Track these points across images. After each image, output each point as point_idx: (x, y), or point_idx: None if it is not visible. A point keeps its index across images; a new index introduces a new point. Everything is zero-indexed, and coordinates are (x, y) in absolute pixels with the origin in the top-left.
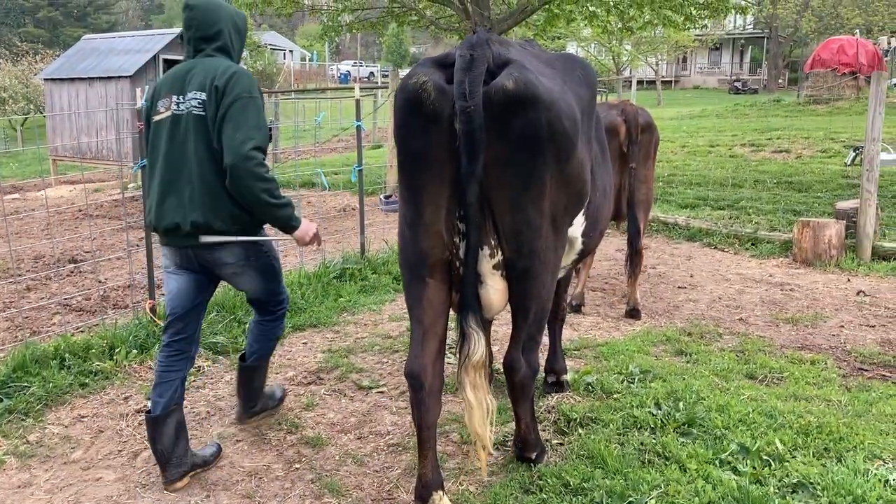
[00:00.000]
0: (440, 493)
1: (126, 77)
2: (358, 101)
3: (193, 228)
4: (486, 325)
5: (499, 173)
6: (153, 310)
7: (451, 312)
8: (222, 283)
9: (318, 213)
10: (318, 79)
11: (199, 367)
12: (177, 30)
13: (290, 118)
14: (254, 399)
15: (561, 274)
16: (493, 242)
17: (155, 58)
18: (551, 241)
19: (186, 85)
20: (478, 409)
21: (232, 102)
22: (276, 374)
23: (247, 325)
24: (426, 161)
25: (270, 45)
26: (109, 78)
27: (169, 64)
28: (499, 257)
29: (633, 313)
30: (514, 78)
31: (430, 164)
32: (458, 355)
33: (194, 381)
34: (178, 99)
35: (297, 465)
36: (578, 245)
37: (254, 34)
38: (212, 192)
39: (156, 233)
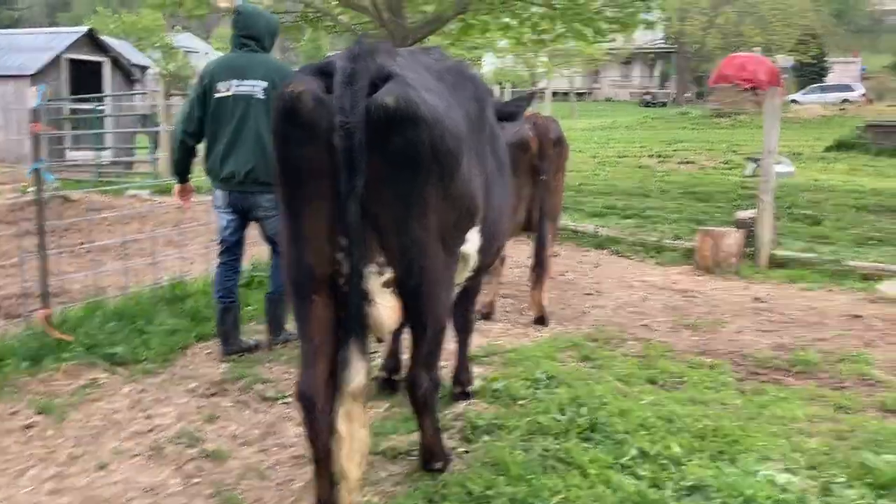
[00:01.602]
0: None
1: (26, 76)
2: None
3: (244, 177)
4: (394, 339)
5: (381, 192)
6: (48, 320)
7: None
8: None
9: None
10: None
11: (96, 378)
12: (84, 28)
13: None
14: (278, 328)
15: (459, 289)
16: (381, 260)
17: (58, 57)
18: (441, 259)
19: (246, 73)
20: (348, 442)
21: None
22: (177, 385)
23: (147, 335)
24: (304, 174)
25: (184, 47)
26: (9, 77)
27: (73, 63)
28: (388, 275)
29: (540, 320)
30: (394, 95)
31: (308, 178)
32: (336, 381)
33: (89, 393)
34: (238, 83)
35: (196, 480)
36: (473, 262)
37: (166, 36)
38: (258, 154)
39: (213, 178)
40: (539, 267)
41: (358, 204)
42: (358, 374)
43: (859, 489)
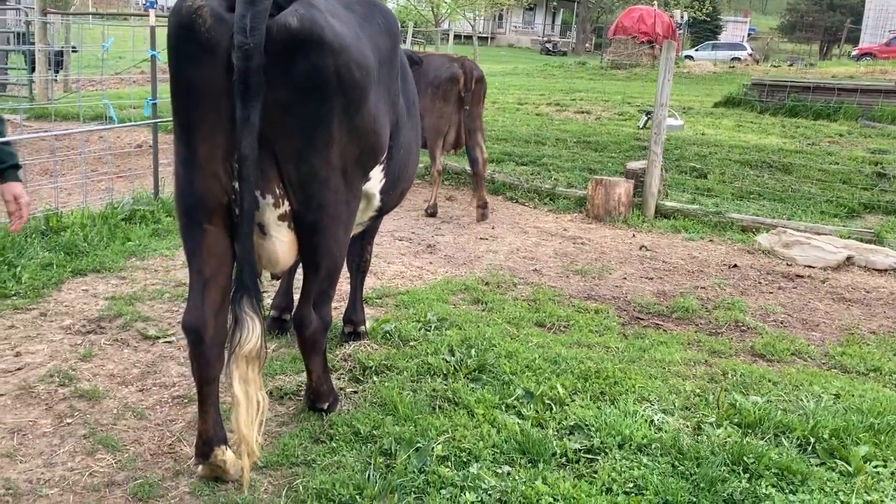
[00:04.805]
0: (223, 448)
1: None
2: (153, 29)
3: None
4: (288, 276)
5: (281, 120)
6: None
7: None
8: None
9: (112, 148)
10: (119, 4)
11: None
12: None
13: (88, 44)
14: None
15: (360, 229)
16: (277, 192)
17: None
18: (342, 195)
19: None
20: (245, 407)
21: None
22: (51, 321)
23: (17, 268)
24: (200, 95)
25: None
26: None
27: None
28: (285, 208)
29: (484, 206)
30: (299, 16)
31: (204, 99)
32: (229, 344)
33: None
34: None
35: (69, 420)
36: (376, 202)
37: None
38: None
39: None
40: (479, 173)
41: (253, 132)
42: (254, 333)
43: (728, 428)
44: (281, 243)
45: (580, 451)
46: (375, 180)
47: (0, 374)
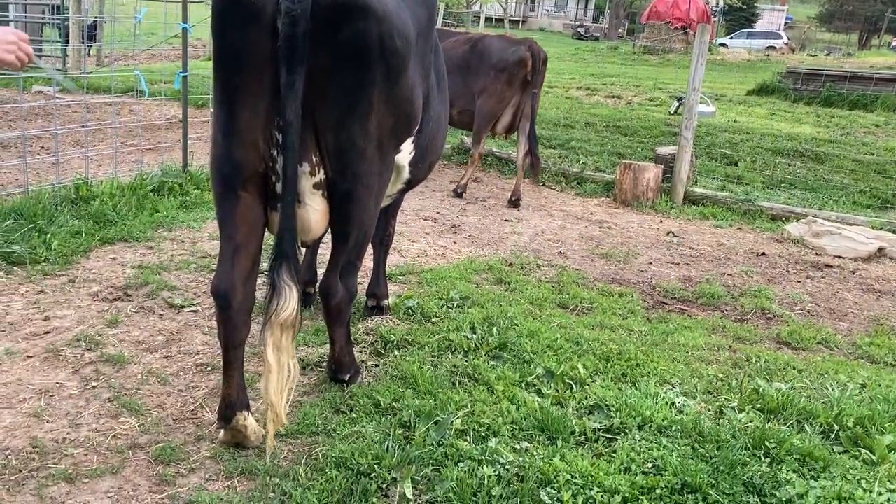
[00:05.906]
0: (244, 413)
1: None
2: (185, 3)
3: None
4: (312, 250)
5: (323, 86)
6: None
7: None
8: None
9: (142, 122)
10: None
11: None
12: None
13: (121, 19)
14: None
15: (388, 201)
16: (314, 160)
17: None
18: (376, 165)
19: None
20: (277, 374)
21: None
22: (79, 288)
23: (47, 235)
24: (243, 61)
25: None
26: None
27: None
28: (320, 176)
29: (516, 205)
30: None
31: (248, 65)
32: (265, 311)
33: None
34: None
35: (95, 384)
36: (405, 174)
37: None
38: None
39: None
40: (535, 158)
41: (297, 98)
42: (290, 302)
43: (750, 413)
44: (314, 212)
45: (599, 430)
46: (406, 152)
47: (29, 338)
